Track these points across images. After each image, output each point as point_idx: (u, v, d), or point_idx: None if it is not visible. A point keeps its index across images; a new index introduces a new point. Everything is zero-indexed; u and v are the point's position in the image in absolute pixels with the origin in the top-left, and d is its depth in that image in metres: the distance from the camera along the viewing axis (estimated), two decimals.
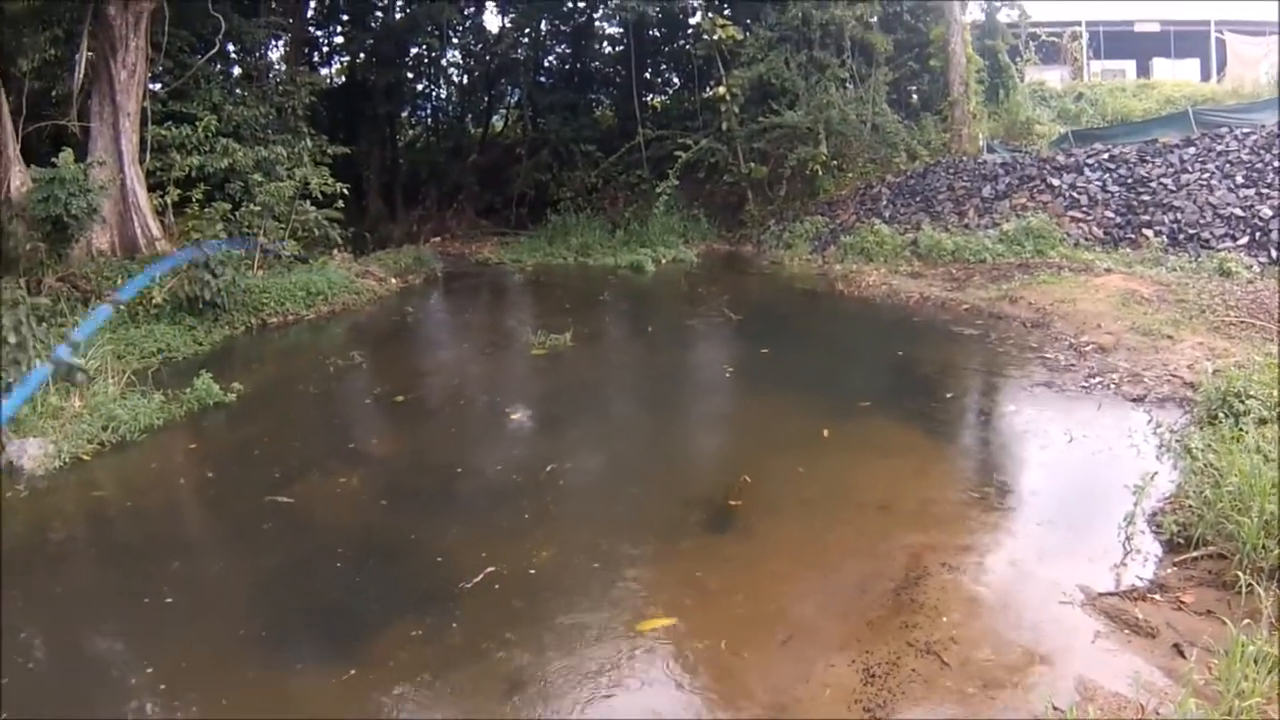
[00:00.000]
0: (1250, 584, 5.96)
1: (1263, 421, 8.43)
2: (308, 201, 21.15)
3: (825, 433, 10.50)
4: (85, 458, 10.20)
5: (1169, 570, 6.85)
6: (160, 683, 5.97)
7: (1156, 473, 7.96)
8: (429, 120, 40.34)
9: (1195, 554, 6.86)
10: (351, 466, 10.27)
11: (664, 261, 25.55)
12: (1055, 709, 4.69)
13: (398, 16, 34.42)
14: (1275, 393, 8.94)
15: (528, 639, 6.35)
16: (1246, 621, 5.39)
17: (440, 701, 5.76)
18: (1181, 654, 5.34)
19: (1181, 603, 6.29)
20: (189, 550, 8.31)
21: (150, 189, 19.34)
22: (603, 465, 10.55)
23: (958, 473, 9.51)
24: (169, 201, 19.44)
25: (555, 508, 8.88)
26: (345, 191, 22.04)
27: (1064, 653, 5.80)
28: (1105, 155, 22.39)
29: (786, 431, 10.84)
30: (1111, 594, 6.53)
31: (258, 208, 19.32)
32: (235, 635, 6.62)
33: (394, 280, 22.40)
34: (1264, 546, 6.28)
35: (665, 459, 10.50)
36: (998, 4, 31.11)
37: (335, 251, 22.08)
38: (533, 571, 7.32)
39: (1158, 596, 6.44)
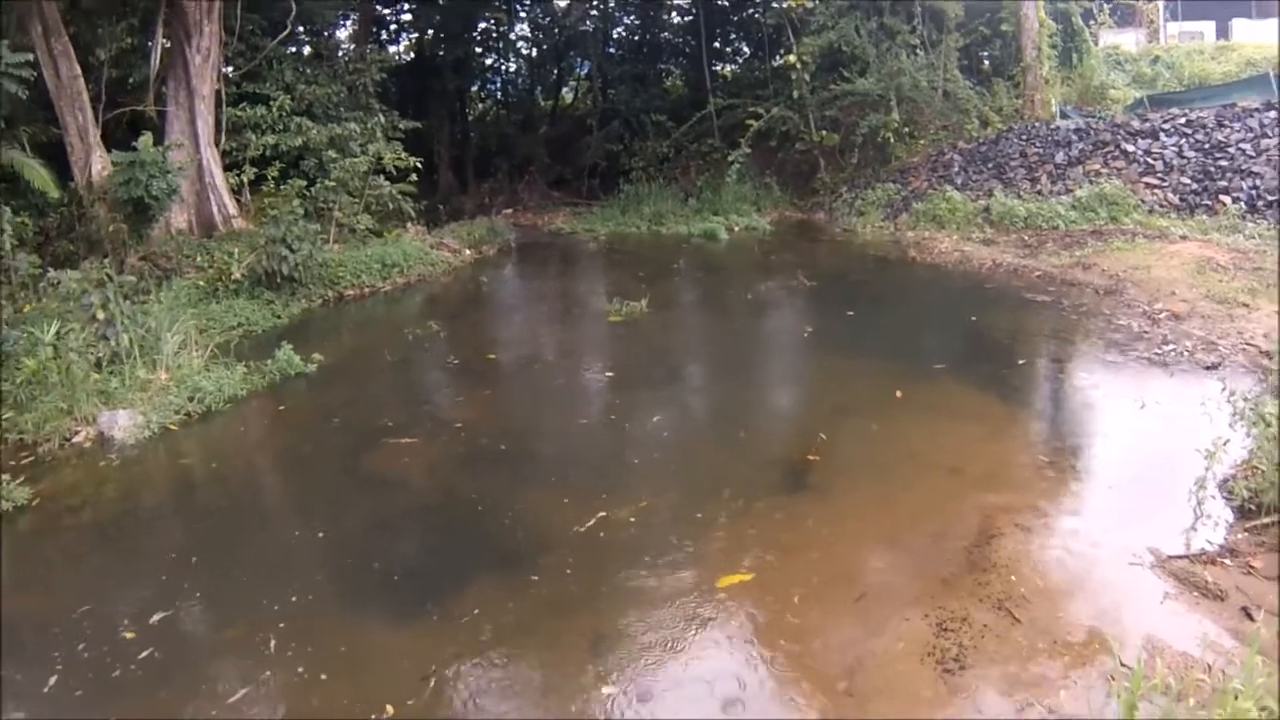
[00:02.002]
0: None
1: None
2: (381, 176, 21.41)
3: (898, 395, 10.59)
4: (173, 427, 10.52)
5: (1239, 535, 6.88)
6: (271, 635, 6.21)
7: (1228, 439, 7.89)
8: (499, 94, 40.49)
9: (1266, 520, 6.89)
10: (435, 431, 10.51)
11: (737, 229, 25.55)
12: (1124, 665, 4.75)
13: None
14: None
15: (609, 595, 6.53)
16: None
17: (526, 654, 5.93)
18: (1250, 616, 5.40)
19: (1251, 567, 6.34)
20: (280, 511, 8.70)
21: (226, 168, 19.77)
22: (681, 426, 10.69)
23: (1030, 437, 9.55)
24: (245, 180, 19.87)
25: (636, 469, 9.09)
26: (418, 166, 22.30)
27: (1133, 612, 5.88)
28: (1182, 120, 22.05)
29: (860, 394, 10.97)
30: (1181, 557, 6.57)
31: (333, 184, 19.57)
32: (328, 590, 6.85)
33: (468, 251, 22.59)
34: None
35: (742, 420, 10.61)
36: None
37: (409, 224, 22.31)
38: (615, 530, 7.51)
39: (1227, 561, 6.48)
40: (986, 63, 30.23)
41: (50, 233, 15.82)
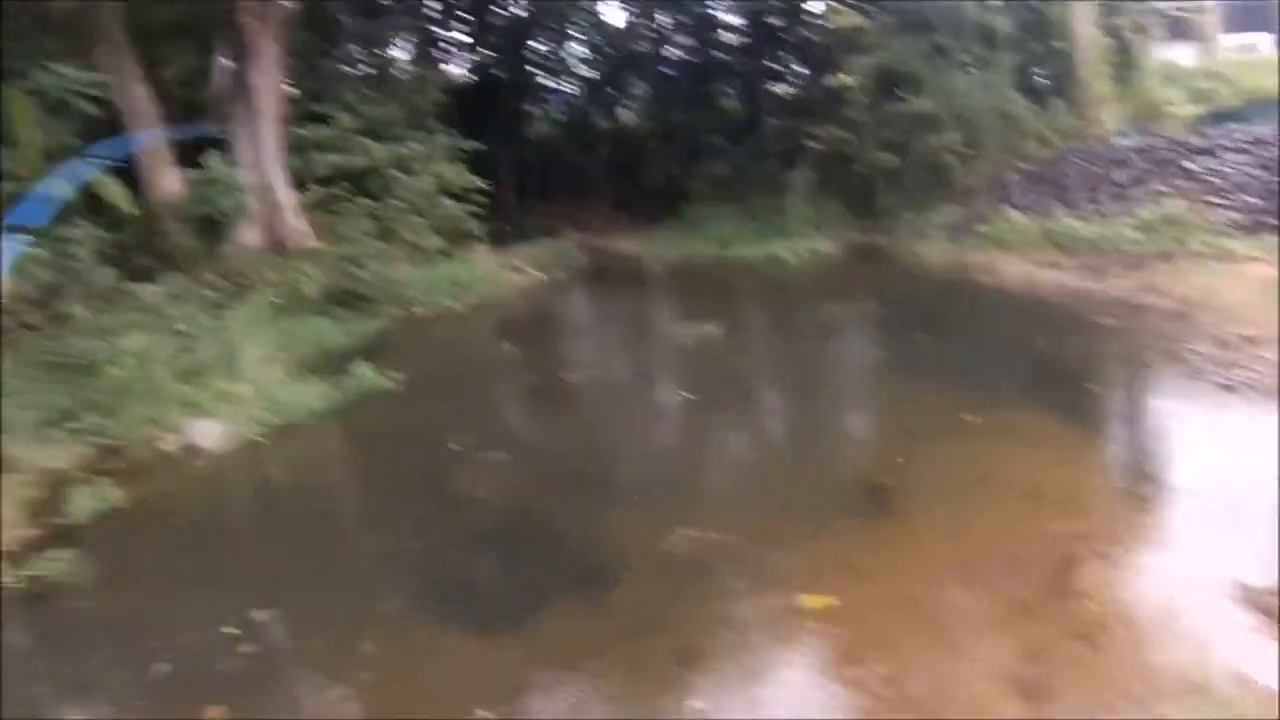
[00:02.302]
0: None
1: None
2: (446, 196, 21.65)
3: (969, 419, 10.62)
4: (257, 438, 10.80)
5: None
6: (362, 639, 6.43)
7: None
8: (558, 114, 40.73)
9: None
10: (513, 449, 10.72)
11: (803, 253, 25.55)
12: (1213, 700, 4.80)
13: (521, 14, 34.98)
14: None
15: (691, 613, 6.65)
16: None
17: (613, 669, 6.06)
18: None
19: None
20: (364, 522, 8.98)
21: (293, 187, 19.98)
22: (757, 448, 10.84)
23: (1103, 462, 9.63)
24: (312, 199, 20.06)
25: (714, 489, 9.25)
26: (482, 186, 22.57)
27: (1219, 646, 5.86)
28: (1243, 137, 21.93)
29: (932, 418, 10.97)
30: (1269, 592, 6.50)
31: (400, 204, 19.90)
32: (414, 600, 7.03)
33: (536, 272, 22.80)
34: None
35: (815, 442, 10.80)
36: None
37: (476, 245, 22.51)
38: (695, 548, 7.62)
39: None
40: (1042, 80, 30.14)
41: (126, 247, 16.09)
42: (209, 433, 10.61)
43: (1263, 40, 40.35)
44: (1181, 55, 36.70)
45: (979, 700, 5.54)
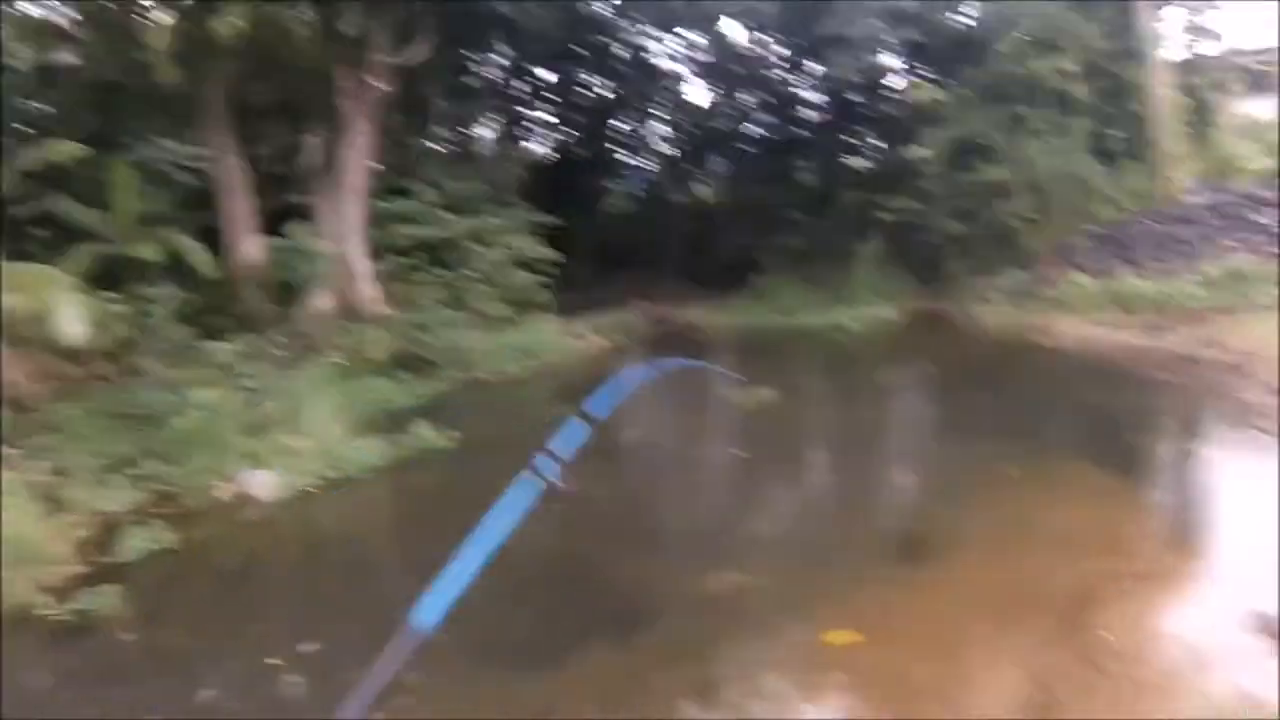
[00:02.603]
0: None
1: None
2: (520, 268, 22.20)
3: (1011, 473, 10.71)
4: (313, 490, 11.07)
5: None
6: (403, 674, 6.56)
7: None
8: (636, 191, 41.35)
9: None
10: (567, 505, 10.87)
11: (866, 320, 25.83)
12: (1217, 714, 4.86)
13: (604, 94, 35.79)
14: None
15: (716, 649, 6.80)
16: None
17: (645, 701, 6.22)
18: None
19: None
20: (409, 569, 8.83)
21: (373, 256, 20.45)
22: (807, 502, 10.97)
23: (1139, 509, 9.70)
24: (389, 267, 20.54)
25: (761, 540, 9.41)
26: (555, 258, 23.12)
27: (1226, 669, 5.97)
28: None
29: (976, 472, 11.04)
30: None
31: (473, 274, 20.43)
32: (455, 643, 7.17)
33: (601, 340, 23.20)
34: None
35: (863, 496, 10.94)
36: (1197, 37, 30.26)
37: (545, 313, 22.89)
38: (738, 593, 7.78)
39: None
40: (1115, 144, 30.05)
41: (203, 309, 16.66)
42: (265, 483, 10.91)
43: None
44: (1260, 109, 36.21)
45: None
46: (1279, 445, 10.91)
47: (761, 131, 38.38)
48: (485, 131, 31.93)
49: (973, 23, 29.52)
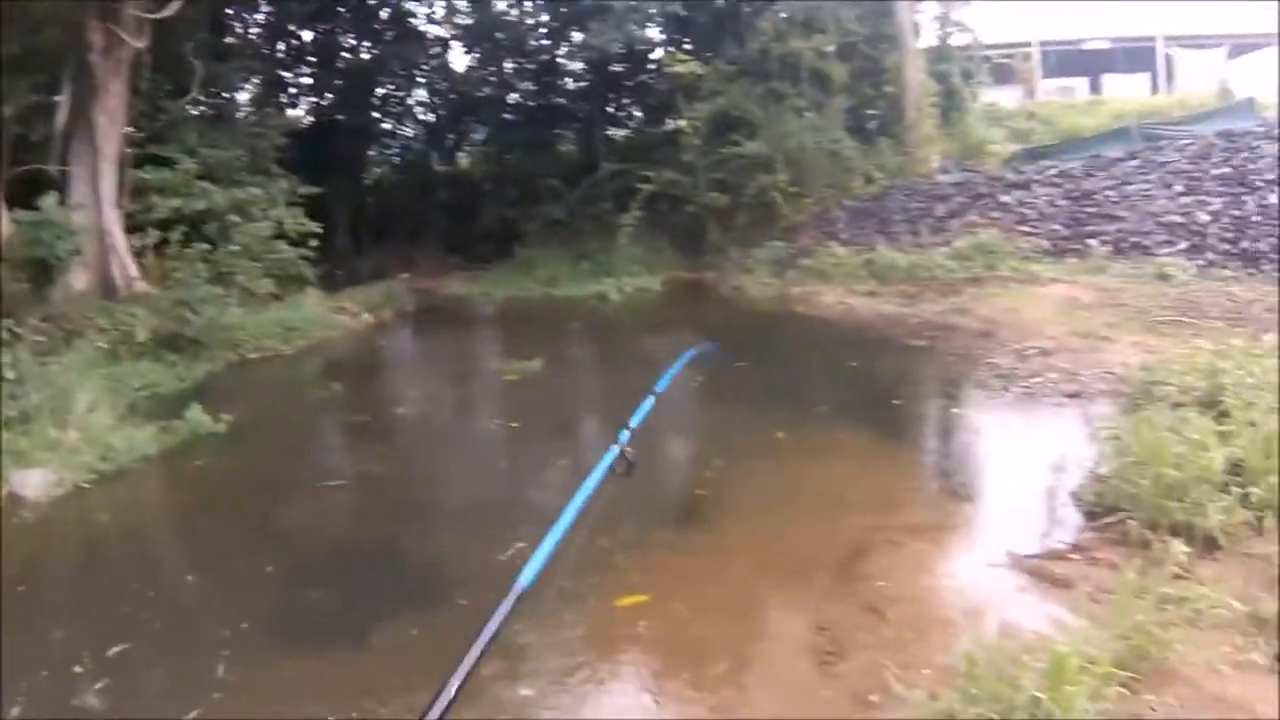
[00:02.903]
0: (1149, 537, 6.70)
1: (1178, 405, 9.14)
2: (282, 241, 21.59)
3: (780, 436, 11.19)
4: (86, 486, 10.45)
5: (1087, 534, 7.57)
6: (210, 667, 6.41)
7: (1076, 453, 8.82)
8: (396, 158, 40.90)
9: (1109, 519, 7.54)
10: (348, 484, 10.81)
11: (628, 290, 26.39)
12: (982, 646, 5.27)
13: (365, 57, 35.36)
14: (1190, 380, 9.69)
15: (520, 618, 6.92)
16: (1139, 561, 6.10)
17: (440, 668, 6.29)
18: (1094, 600, 5.98)
19: (1095, 559, 6.98)
20: (200, 561, 8.64)
21: (129, 230, 19.60)
22: (578, 470, 11.13)
23: (903, 467, 10.17)
24: (148, 243, 19.65)
25: (539, 509, 9.43)
26: (319, 231, 22.64)
27: (991, 604, 6.44)
28: (1053, 171, 23.24)
29: (746, 437, 11.46)
30: (1034, 556, 7.21)
31: (236, 248, 19.72)
32: (257, 634, 7.05)
33: (367, 315, 22.88)
34: (1164, 506, 6.98)
35: (636, 462, 11.14)
36: (950, 29, 31.96)
37: (308, 289, 22.51)
38: (510, 567, 7.85)
39: (1076, 556, 7.13)
40: (871, 122, 31.33)
41: None
42: (35, 482, 10.18)
43: (1080, 84, 42.56)
44: (1005, 98, 38.59)
45: (777, 666, 6.03)
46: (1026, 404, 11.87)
47: (524, 100, 38.66)
48: (241, 95, 30.97)
49: None
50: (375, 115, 37.66)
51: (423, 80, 37.96)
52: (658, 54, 33.41)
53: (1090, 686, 4.58)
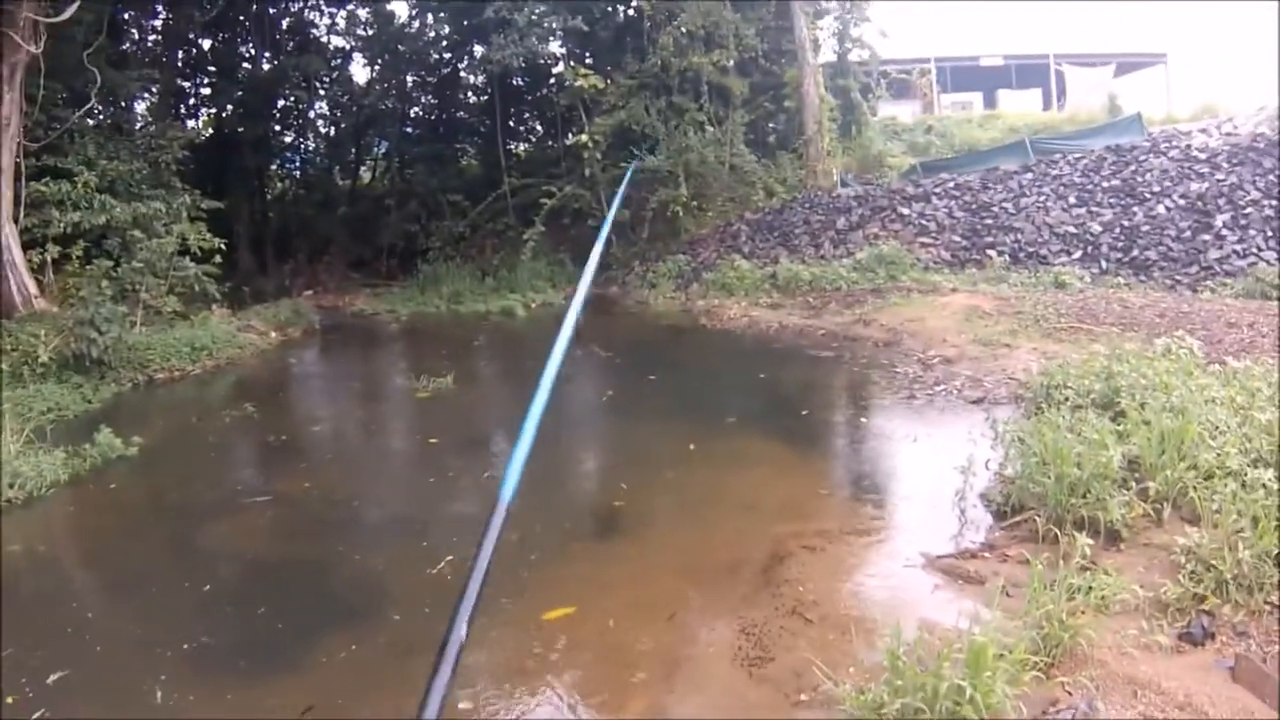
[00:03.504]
0: (1056, 532, 7.06)
1: (1077, 407, 9.53)
2: (186, 257, 21.20)
3: (692, 447, 11.38)
4: None
5: (996, 533, 7.95)
6: (141, 694, 6.37)
7: (983, 456, 9.20)
8: (297, 173, 40.45)
9: (1017, 518, 7.95)
10: (264, 505, 10.66)
11: (534, 306, 26.53)
12: (904, 643, 5.47)
13: (265, 68, 34.91)
14: (1087, 383, 10.11)
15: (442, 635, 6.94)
16: (1047, 556, 6.43)
17: (371, 691, 6.31)
18: (1005, 593, 6.23)
19: (1006, 556, 7.34)
20: (121, 588, 8.51)
21: (26, 246, 19.23)
22: (496, 487, 11.14)
23: (815, 475, 10.48)
24: (47, 259, 19.33)
25: (459, 525, 9.46)
26: (222, 247, 22.33)
27: (908, 603, 6.70)
28: (951, 184, 23.98)
29: (659, 449, 11.70)
30: (947, 556, 7.55)
31: (140, 264, 19.29)
32: (174, 655, 6.97)
33: (274, 334, 22.64)
34: (1068, 502, 7.35)
35: (552, 477, 11.19)
36: (849, 45, 32.53)
37: (214, 306, 22.19)
38: (442, 580, 7.89)
39: (987, 554, 7.50)
40: (772, 137, 31.82)
41: None
42: None
43: (976, 99, 43.61)
44: (903, 112, 39.37)
45: (707, 671, 6.16)
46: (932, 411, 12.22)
47: (425, 114, 38.65)
48: (140, 105, 30.33)
49: (635, 14, 30.32)
50: (276, 128, 37.20)
51: (324, 92, 37.62)
52: (559, 68, 33.57)
53: (1008, 673, 4.84)
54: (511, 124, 37.62)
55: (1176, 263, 19.30)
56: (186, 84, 34.86)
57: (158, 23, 31.46)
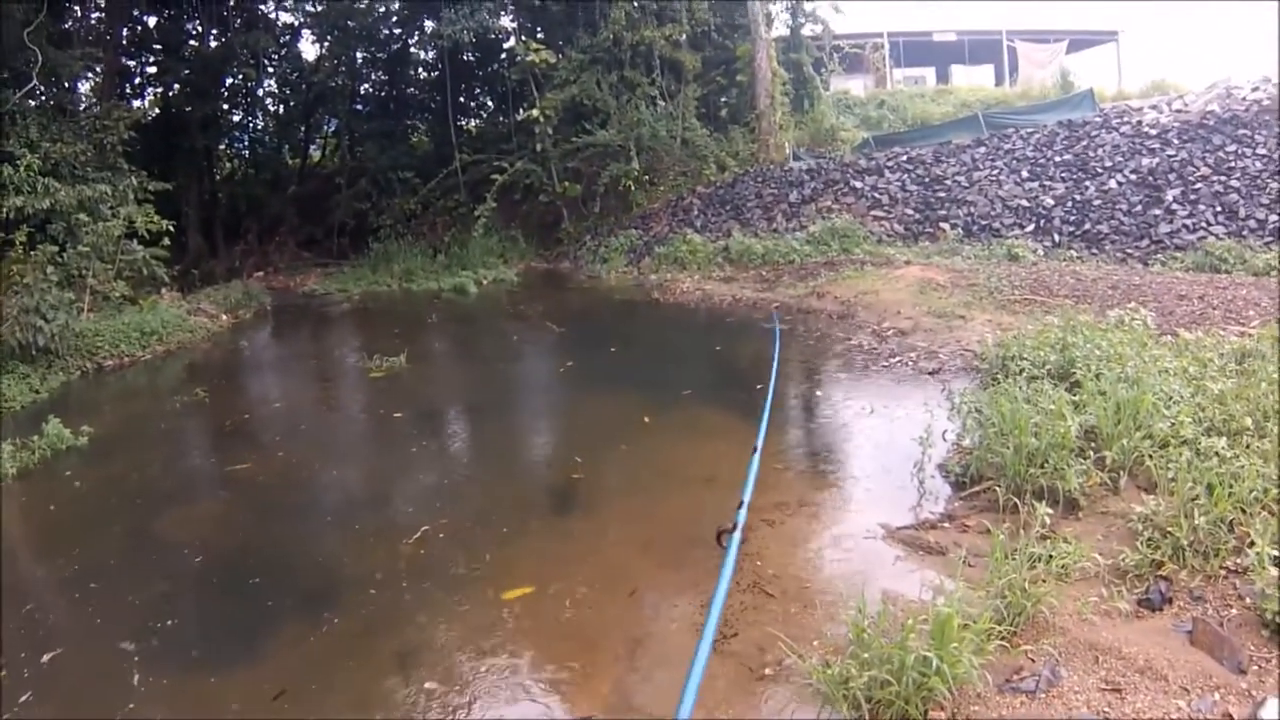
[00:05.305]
0: (1016, 502, 7.10)
1: (1033, 378, 9.60)
2: (134, 240, 20.93)
3: (647, 420, 11.47)
4: None
5: (955, 504, 7.98)
6: (103, 688, 6.31)
7: (940, 427, 9.27)
8: (246, 152, 40.03)
9: (976, 488, 8.00)
10: (220, 490, 10.58)
11: (486, 282, 26.44)
12: (865, 615, 5.48)
13: (212, 45, 34.34)
14: (1043, 354, 10.18)
15: (412, 618, 6.92)
16: (1007, 525, 6.50)
17: (341, 674, 6.26)
18: (966, 564, 6.26)
19: (966, 526, 7.39)
20: (77, 579, 8.20)
21: None
22: (453, 464, 11.13)
23: (772, 447, 10.29)
24: None
25: (419, 504, 9.44)
26: (171, 229, 21.93)
27: (870, 575, 6.69)
28: (904, 157, 24.08)
29: (615, 422, 11.73)
30: (908, 527, 7.58)
31: (86, 249, 18.98)
32: (140, 646, 6.87)
33: (225, 316, 22.48)
34: (1026, 472, 7.43)
35: (509, 452, 11.26)
36: (801, 20, 32.59)
37: (163, 290, 21.92)
38: (407, 560, 7.88)
39: (946, 524, 7.54)
40: (724, 110, 31.87)
41: None
42: None
43: (929, 74, 43.79)
44: (855, 86, 39.48)
45: (670, 647, 6.12)
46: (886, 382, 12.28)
47: (375, 90, 38.42)
48: (83, 85, 29.82)
49: None
50: (224, 106, 36.66)
51: (272, 70, 37.25)
52: (510, 43, 33.46)
53: (973, 643, 4.88)
54: (462, 100, 37.46)
55: (1128, 236, 19.49)
56: (131, 63, 34.21)
57: (100, 0, 30.91)
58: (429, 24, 34.01)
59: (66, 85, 25.95)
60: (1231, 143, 20.19)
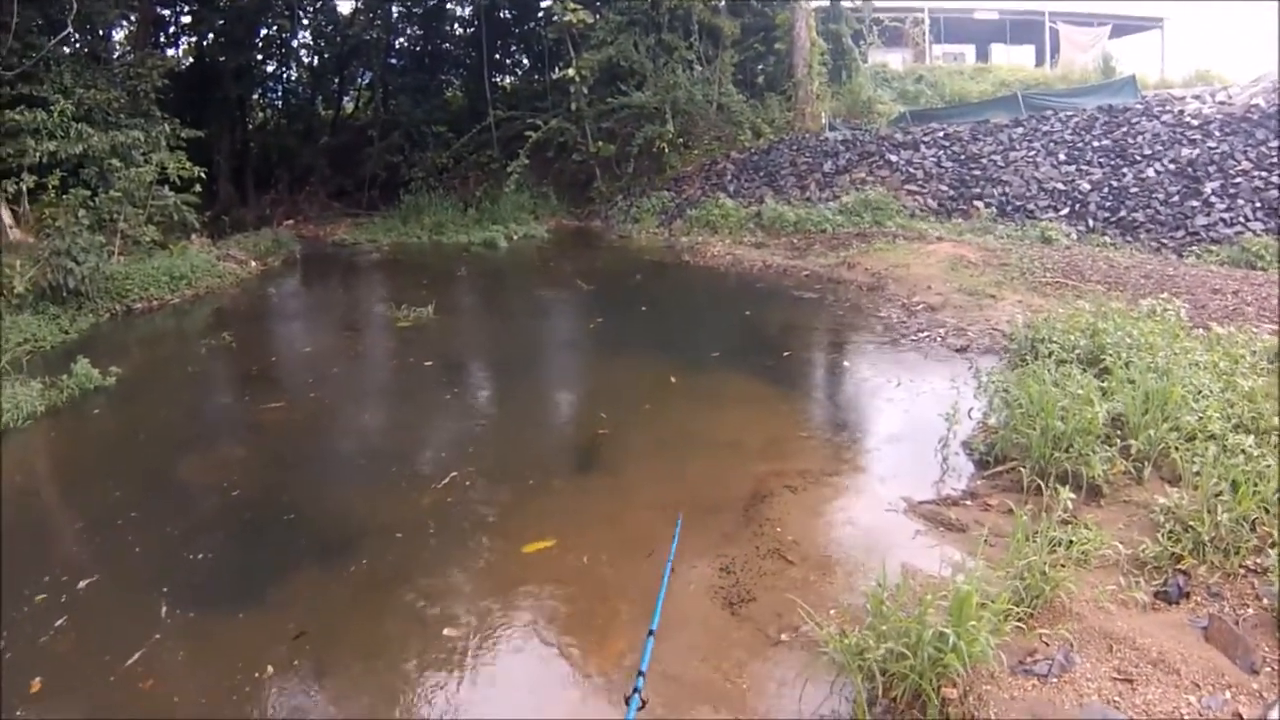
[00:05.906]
0: (1039, 484, 7.09)
1: (1062, 362, 9.55)
2: (165, 186, 20.94)
3: (673, 380, 11.49)
4: None
5: (979, 482, 7.99)
6: (140, 621, 6.37)
7: (966, 405, 9.17)
8: (280, 103, 40.11)
9: (999, 468, 8.00)
10: (244, 435, 10.62)
11: (516, 238, 26.42)
12: (885, 587, 5.49)
13: None
14: (1073, 338, 10.12)
15: (432, 567, 6.97)
16: (1029, 507, 6.49)
17: (366, 619, 6.32)
18: (987, 543, 6.25)
19: (988, 505, 7.38)
20: (102, 520, 8.22)
21: (1, 176, 18.90)
22: (480, 418, 11.15)
23: (798, 415, 10.43)
24: (23, 189, 18.95)
25: (443, 458, 9.45)
26: (202, 176, 21.96)
27: (890, 548, 6.71)
28: (940, 134, 23.92)
29: (641, 381, 11.74)
30: (930, 502, 7.58)
31: (117, 194, 19.03)
32: (168, 579, 6.92)
33: (254, 263, 22.57)
34: (1051, 456, 7.40)
35: (533, 410, 11.25)
36: None
37: (193, 236, 22.05)
38: (431, 511, 7.93)
39: (968, 502, 7.54)
40: (761, 78, 31.63)
41: None
42: None
43: (968, 52, 43.39)
44: (894, 60, 39.16)
45: (688, 609, 6.13)
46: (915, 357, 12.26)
47: (410, 45, 38.31)
48: (118, 33, 29.88)
49: None
50: (258, 57, 36.75)
51: (307, 22, 37.20)
52: (548, 2, 33.27)
53: (991, 622, 4.87)
54: (498, 57, 37.38)
55: (1164, 226, 19.26)
56: (166, 12, 34.21)
57: None
58: None
59: (101, 33, 26.09)
60: (1275, 138, 19.85)
